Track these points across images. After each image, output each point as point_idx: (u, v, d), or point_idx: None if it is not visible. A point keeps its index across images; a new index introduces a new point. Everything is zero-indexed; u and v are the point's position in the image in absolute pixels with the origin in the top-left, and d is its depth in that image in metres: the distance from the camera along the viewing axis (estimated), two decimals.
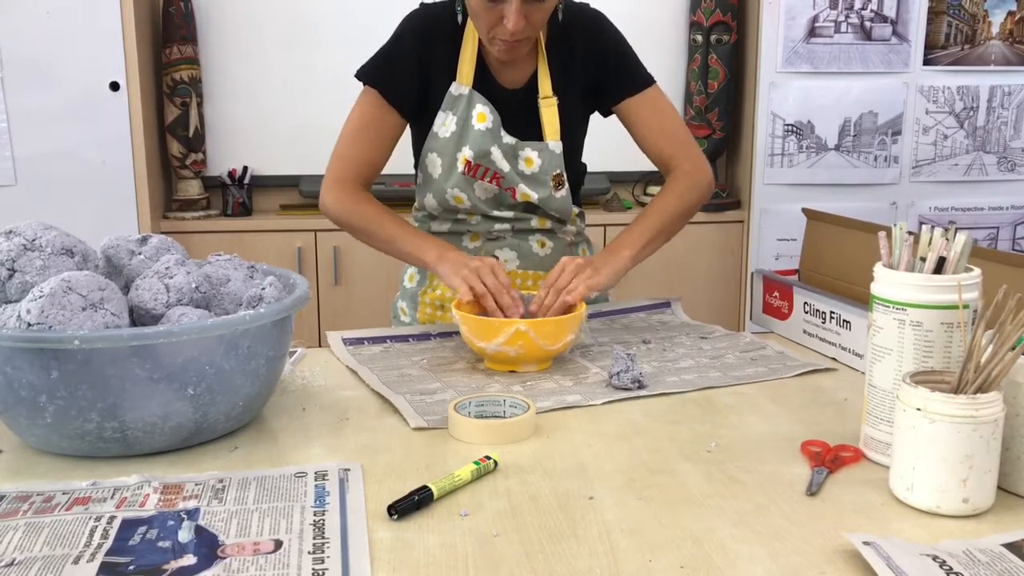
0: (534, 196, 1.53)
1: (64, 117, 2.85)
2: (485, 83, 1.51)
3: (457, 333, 1.46)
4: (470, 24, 1.49)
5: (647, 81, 1.55)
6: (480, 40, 1.49)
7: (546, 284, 1.35)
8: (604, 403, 1.16)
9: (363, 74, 1.52)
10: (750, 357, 1.34)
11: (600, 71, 1.54)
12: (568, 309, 1.33)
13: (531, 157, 1.52)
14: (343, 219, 1.53)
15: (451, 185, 1.53)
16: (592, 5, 1.58)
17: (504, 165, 1.50)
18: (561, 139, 1.52)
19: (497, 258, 1.59)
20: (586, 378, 1.25)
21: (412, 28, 1.51)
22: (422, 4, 1.54)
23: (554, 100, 1.52)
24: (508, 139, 1.51)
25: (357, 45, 1.60)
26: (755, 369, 1.29)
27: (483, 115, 1.49)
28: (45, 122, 2.84)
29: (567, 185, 1.56)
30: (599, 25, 1.55)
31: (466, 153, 1.50)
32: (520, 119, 1.52)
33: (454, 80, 1.50)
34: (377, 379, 1.24)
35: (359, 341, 1.43)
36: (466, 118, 1.50)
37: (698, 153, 1.57)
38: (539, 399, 1.15)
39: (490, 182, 1.52)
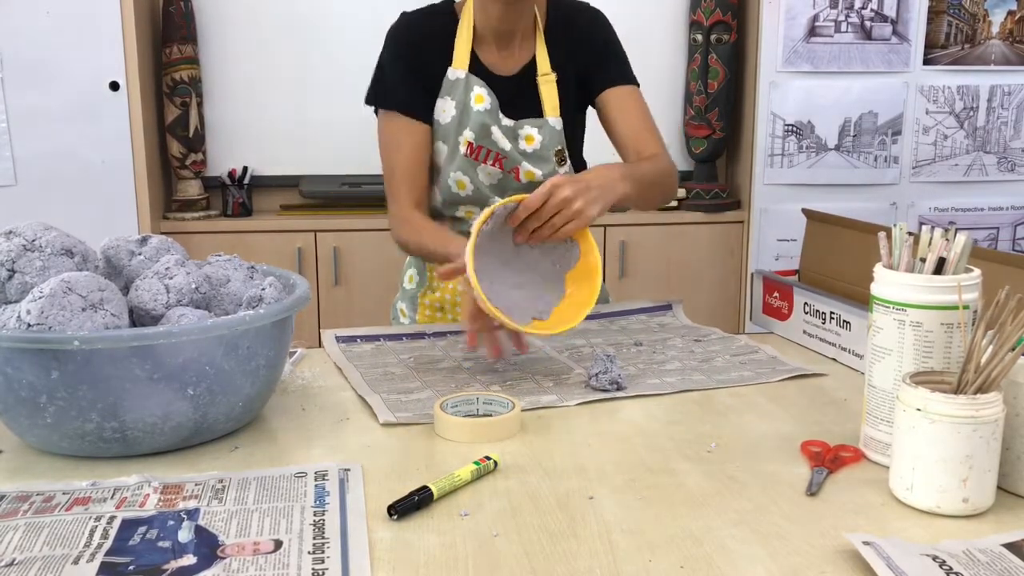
0: (538, 173, 1.53)
1: (64, 117, 2.85)
2: (480, 72, 1.52)
3: (451, 332, 1.46)
4: (466, 11, 1.51)
5: (632, 79, 1.58)
6: (475, 30, 1.51)
7: (527, 207, 1.22)
8: (578, 404, 1.16)
9: (372, 99, 1.54)
10: (739, 360, 1.34)
11: (592, 60, 1.56)
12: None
13: (531, 134, 1.53)
14: (413, 251, 1.58)
15: (453, 169, 1.53)
16: (593, 4, 1.60)
17: (505, 144, 1.51)
18: (561, 116, 1.53)
19: None
20: (567, 379, 1.25)
21: (397, 39, 1.53)
22: (402, 14, 1.55)
23: (553, 76, 1.53)
24: (507, 120, 1.52)
25: (356, 45, 1.60)
26: (740, 373, 1.28)
27: (481, 96, 1.50)
28: (45, 122, 2.84)
29: (570, 162, 1.56)
30: (598, 19, 1.58)
31: (467, 135, 1.50)
32: (517, 102, 1.53)
33: (450, 66, 1.51)
34: (359, 376, 1.25)
35: (352, 339, 1.43)
36: (465, 101, 1.51)
37: (667, 155, 1.55)
38: (515, 398, 1.15)
39: (493, 164, 1.52)
